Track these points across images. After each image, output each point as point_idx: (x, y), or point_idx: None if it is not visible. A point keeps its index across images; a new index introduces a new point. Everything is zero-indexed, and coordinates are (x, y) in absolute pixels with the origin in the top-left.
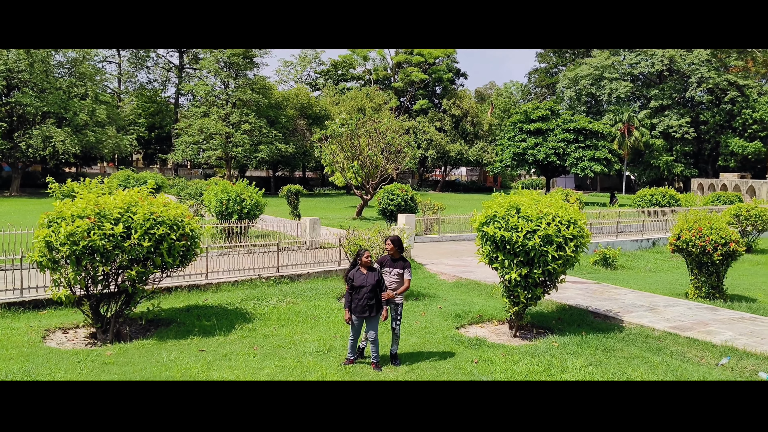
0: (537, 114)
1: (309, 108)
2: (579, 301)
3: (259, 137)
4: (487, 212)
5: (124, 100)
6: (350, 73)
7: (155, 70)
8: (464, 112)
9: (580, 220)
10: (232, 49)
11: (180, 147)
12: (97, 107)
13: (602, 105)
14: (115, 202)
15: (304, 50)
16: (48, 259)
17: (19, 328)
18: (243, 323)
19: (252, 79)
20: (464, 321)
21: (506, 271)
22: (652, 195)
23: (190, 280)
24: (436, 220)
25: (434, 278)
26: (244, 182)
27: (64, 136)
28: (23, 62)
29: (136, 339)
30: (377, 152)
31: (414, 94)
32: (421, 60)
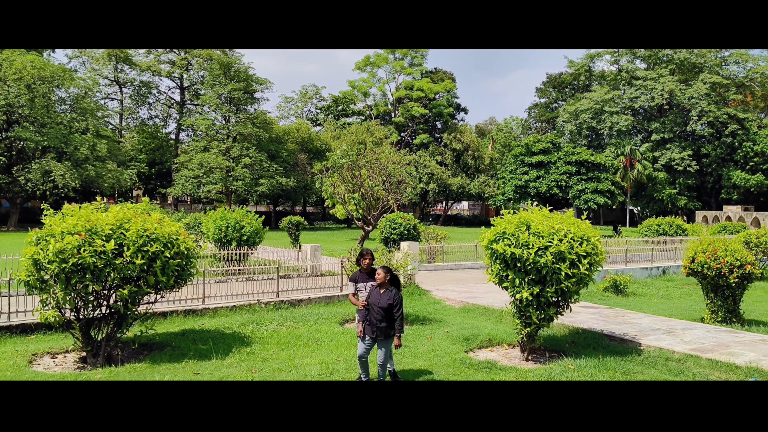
0: (538, 147)
1: (310, 142)
2: (592, 325)
3: (259, 171)
4: (496, 229)
5: (125, 135)
6: (351, 109)
7: (156, 107)
8: (465, 146)
9: (593, 237)
10: (233, 84)
11: (180, 181)
12: (98, 142)
13: (603, 138)
14: (107, 218)
15: (305, 86)
16: (36, 279)
17: (4, 353)
18: (241, 347)
19: (252, 114)
20: (473, 345)
21: (517, 290)
22: (659, 225)
23: (187, 305)
24: (439, 248)
25: (440, 304)
26: (243, 209)
27: (64, 170)
28: (24, 97)
29: (128, 363)
30: (378, 183)
31: (414, 129)
32: (422, 95)
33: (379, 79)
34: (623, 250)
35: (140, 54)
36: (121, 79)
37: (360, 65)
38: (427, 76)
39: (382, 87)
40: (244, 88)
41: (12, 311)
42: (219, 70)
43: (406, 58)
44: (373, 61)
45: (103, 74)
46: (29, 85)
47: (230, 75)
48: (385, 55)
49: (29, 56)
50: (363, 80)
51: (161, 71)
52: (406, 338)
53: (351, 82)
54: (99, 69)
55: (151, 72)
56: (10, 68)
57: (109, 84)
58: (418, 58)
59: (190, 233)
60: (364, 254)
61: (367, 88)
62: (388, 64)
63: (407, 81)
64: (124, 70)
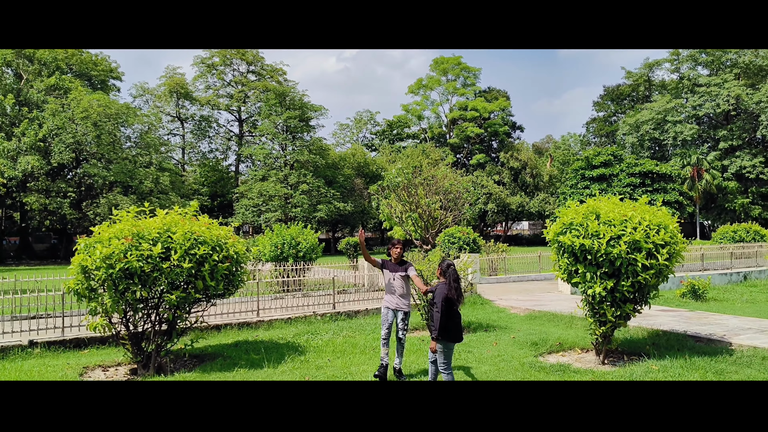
0: (599, 159)
1: (366, 167)
2: (674, 327)
3: (317, 197)
4: (562, 220)
5: (187, 170)
6: (405, 132)
7: (216, 140)
8: (523, 164)
9: (671, 224)
10: (288, 113)
11: (240, 211)
12: (160, 175)
13: (668, 149)
14: (154, 222)
15: (359, 112)
16: (84, 287)
17: (56, 366)
18: (294, 355)
19: (308, 141)
20: (542, 349)
21: (588, 285)
22: (735, 231)
23: (241, 318)
24: (501, 259)
25: (504, 312)
26: (300, 225)
27: (129, 203)
28: (91, 134)
29: (178, 373)
30: (435, 201)
31: (470, 149)
32: (476, 115)
33: (433, 101)
34: (699, 256)
35: (199, 89)
36: (183, 114)
37: (413, 88)
38: (480, 95)
39: (435, 109)
40: (300, 116)
41: (66, 326)
42: (275, 99)
43: (459, 79)
44: (425, 84)
45: (165, 110)
46: (96, 122)
47: (285, 104)
48: (437, 77)
49: (95, 95)
50: (416, 103)
51: (220, 105)
52: (469, 345)
53: (404, 106)
54: (162, 106)
55: (210, 106)
56: (77, 107)
57: (172, 120)
58: (470, 78)
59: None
60: (395, 243)
61: (420, 111)
62: (441, 85)
63: (461, 101)
64: (185, 105)
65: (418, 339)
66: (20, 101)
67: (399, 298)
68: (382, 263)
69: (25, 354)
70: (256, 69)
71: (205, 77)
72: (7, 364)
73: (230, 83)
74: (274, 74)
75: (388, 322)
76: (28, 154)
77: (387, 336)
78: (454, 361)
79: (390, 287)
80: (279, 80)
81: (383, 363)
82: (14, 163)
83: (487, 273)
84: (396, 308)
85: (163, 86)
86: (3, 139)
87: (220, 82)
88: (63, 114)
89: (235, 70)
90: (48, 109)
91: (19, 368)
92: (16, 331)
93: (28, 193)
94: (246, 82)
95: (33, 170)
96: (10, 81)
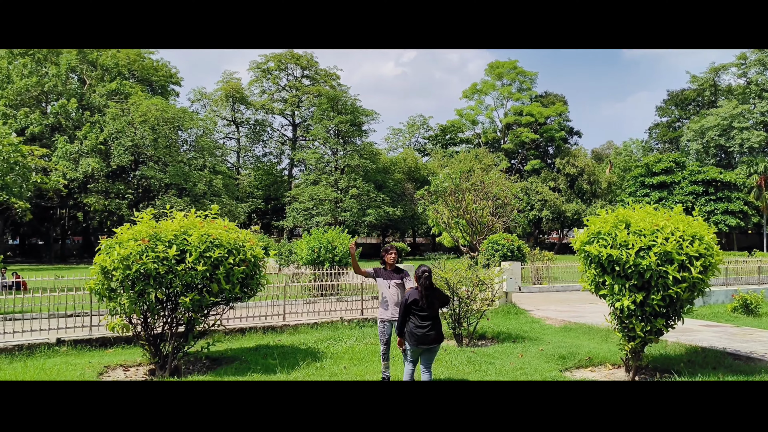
0: (660, 166)
1: (416, 171)
2: (714, 343)
3: (367, 201)
4: (591, 229)
5: (242, 173)
6: (459, 137)
7: (270, 144)
8: (579, 170)
9: (707, 235)
10: (340, 117)
11: (291, 214)
12: (213, 178)
13: (734, 157)
14: (172, 225)
15: (412, 117)
16: (104, 287)
17: (77, 365)
18: (311, 362)
19: (359, 146)
20: (570, 363)
21: (616, 297)
22: None
23: (266, 322)
24: (545, 268)
25: (538, 323)
26: (337, 229)
27: (183, 205)
28: (148, 138)
29: (193, 375)
30: (483, 207)
31: (525, 155)
32: (531, 120)
33: (487, 106)
34: (756, 269)
35: (255, 94)
36: (238, 118)
37: (467, 93)
38: (536, 100)
39: (490, 114)
40: (351, 120)
41: (94, 324)
42: (327, 104)
43: (514, 84)
44: (480, 89)
45: (221, 114)
46: (153, 126)
47: (337, 108)
48: (492, 82)
49: (154, 100)
50: (470, 108)
51: (274, 109)
52: (492, 356)
53: (458, 110)
54: (218, 110)
55: (265, 110)
56: (136, 111)
57: (227, 124)
58: (526, 83)
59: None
60: (389, 249)
61: (474, 116)
62: (496, 90)
63: (516, 106)
64: (240, 109)
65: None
66: (83, 105)
67: (395, 307)
68: (375, 272)
69: (51, 352)
70: (310, 73)
71: (261, 82)
72: (30, 362)
73: (284, 88)
74: (327, 79)
75: (385, 337)
76: (89, 156)
77: (386, 351)
78: (473, 374)
79: (384, 297)
80: (332, 84)
81: (384, 377)
82: (76, 166)
83: (531, 282)
84: (391, 320)
85: (219, 91)
86: (66, 141)
87: (274, 87)
88: (123, 118)
89: (290, 75)
90: (109, 113)
91: (41, 366)
92: (44, 329)
93: (89, 195)
94: (300, 86)
95: (93, 172)
96: (74, 86)
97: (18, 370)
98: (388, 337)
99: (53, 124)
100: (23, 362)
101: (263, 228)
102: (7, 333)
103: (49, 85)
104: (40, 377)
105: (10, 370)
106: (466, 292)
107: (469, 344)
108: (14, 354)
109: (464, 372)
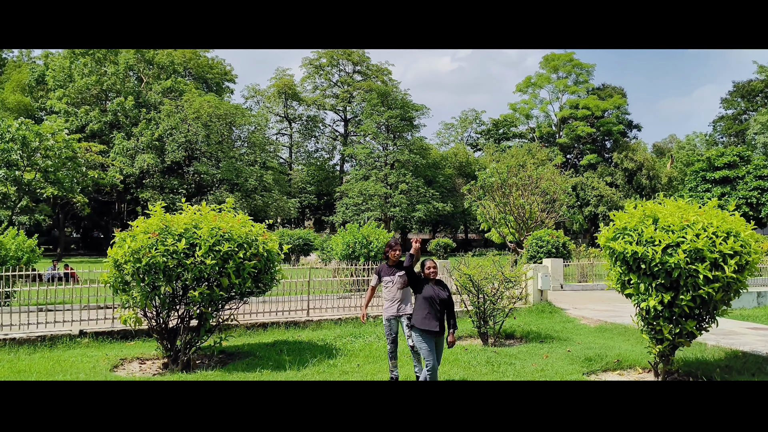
0: (722, 161)
1: (467, 167)
2: (757, 348)
3: (416, 197)
4: (617, 224)
5: (294, 168)
6: (512, 132)
7: (322, 139)
8: (638, 165)
9: (743, 232)
10: (389, 112)
11: (341, 209)
12: (264, 173)
13: None
14: (183, 218)
15: (464, 111)
16: (117, 280)
17: (93, 357)
18: (325, 359)
19: (410, 141)
20: (596, 366)
21: (642, 297)
22: None
23: (289, 317)
24: (590, 265)
25: (573, 322)
26: (372, 224)
27: (234, 200)
28: (201, 134)
29: (204, 370)
30: (531, 202)
31: (581, 150)
32: (588, 113)
33: (541, 99)
34: None
35: (307, 90)
36: (290, 114)
37: (521, 87)
38: (593, 93)
39: (544, 107)
40: (401, 115)
41: (116, 317)
42: (377, 99)
43: (570, 76)
44: (534, 82)
45: (274, 111)
46: (206, 123)
47: (387, 103)
48: (548, 74)
49: (207, 97)
50: (524, 102)
51: (326, 105)
52: (516, 356)
53: (512, 104)
54: (271, 106)
55: (317, 106)
56: (190, 108)
57: (280, 120)
58: (583, 75)
59: (327, 253)
60: (393, 245)
61: (528, 109)
62: (551, 83)
63: (572, 100)
64: (293, 106)
65: (461, 347)
66: (139, 103)
67: (399, 303)
68: (377, 270)
69: (72, 343)
70: (361, 69)
71: (313, 78)
72: (47, 353)
73: (336, 83)
74: (379, 74)
75: (392, 335)
76: (145, 152)
77: (393, 350)
78: (489, 375)
79: (388, 293)
80: (383, 80)
81: (393, 376)
82: (132, 161)
83: (576, 279)
84: (397, 316)
85: (272, 87)
86: (123, 138)
87: (326, 83)
88: (177, 115)
89: (342, 71)
90: (163, 110)
91: (58, 357)
92: (67, 321)
93: (145, 189)
94: (351, 82)
95: (149, 168)
96: (132, 84)
97: (35, 361)
98: (395, 335)
99: (111, 121)
100: (42, 353)
101: (316, 223)
102: (31, 324)
103: (108, 84)
104: (54, 369)
105: (27, 361)
106: (492, 289)
107: (495, 344)
108: (36, 345)
109: (481, 373)
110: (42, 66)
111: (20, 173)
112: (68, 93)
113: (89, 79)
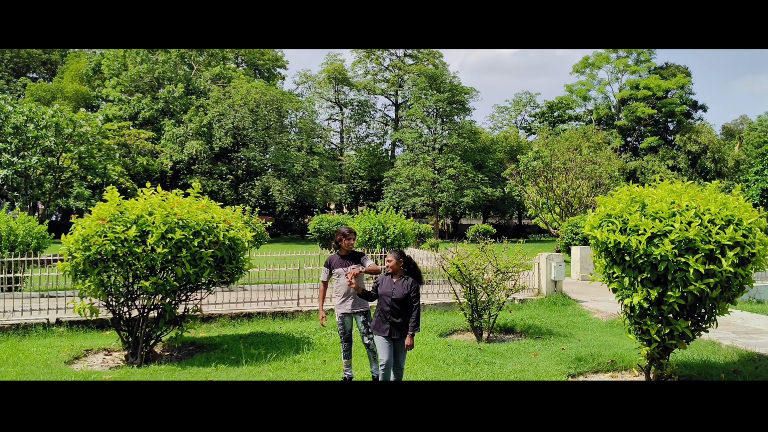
0: None
1: (519, 151)
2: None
3: (465, 182)
4: (603, 210)
5: (346, 154)
6: (567, 114)
7: (373, 124)
8: (703, 147)
9: (747, 219)
10: (437, 96)
11: (388, 194)
12: (310, 158)
13: None
14: (138, 204)
15: (518, 94)
16: (74, 268)
17: (58, 347)
18: (291, 354)
19: (458, 124)
20: (585, 367)
21: (626, 293)
22: None
23: (278, 307)
24: None
25: (585, 316)
26: (391, 210)
27: (281, 185)
28: (247, 120)
29: (163, 363)
30: (576, 187)
31: (641, 132)
32: (649, 94)
33: (600, 80)
34: None
35: (358, 75)
36: (341, 100)
37: (578, 67)
38: (655, 72)
39: (602, 89)
40: (449, 99)
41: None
42: (424, 82)
43: (631, 55)
44: (592, 62)
45: (325, 96)
46: (253, 109)
47: (436, 86)
48: (606, 54)
49: (255, 83)
50: (581, 83)
51: (376, 90)
52: (501, 354)
53: (569, 86)
54: (322, 92)
55: (368, 91)
56: (237, 94)
57: (331, 105)
58: (644, 54)
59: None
60: (346, 233)
61: (585, 91)
62: (610, 63)
63: (632, 80)
64: (344, 91)
65: (444, 343)
66: (189, 90)
67: (353, 298)
68: (328, 262)
69: (45, 332)
70: (412, 52)
71: (364, 62)
72: (14, 342)
73: (387, 68)
74: (430, 57)
75: (345, 333)
76: (194, 139)
77: (348, 348)
78: (461, 375)
79: (340, 288)
80: (435, 63)
81: (346, 376)
82: (182, 148)
83: None
84: (351, 312)
85: (323, 73)
86: (173, 125)
87: (377, 67)
88: (225, 101)
89: (393, 55)
90: (212, 96)
91: (21, 347)
92: (44, 308)
93: (194, 176)
94: (402, 66)
95: (198, 154)
96: (183, 72)
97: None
98: (348, 333)
99: (163, 108)
100: (9, 342)
101: (368, 209)
102: (7, 312)
103: (159, 72)
104: (7, 360)
105: None
106: (487, 280)
107: (489, 339)
108: (9, 333)
109: (452, 373)
110: (99, 56)
111: (53, 159)
112: (122, 81)
113: (141, 68)
